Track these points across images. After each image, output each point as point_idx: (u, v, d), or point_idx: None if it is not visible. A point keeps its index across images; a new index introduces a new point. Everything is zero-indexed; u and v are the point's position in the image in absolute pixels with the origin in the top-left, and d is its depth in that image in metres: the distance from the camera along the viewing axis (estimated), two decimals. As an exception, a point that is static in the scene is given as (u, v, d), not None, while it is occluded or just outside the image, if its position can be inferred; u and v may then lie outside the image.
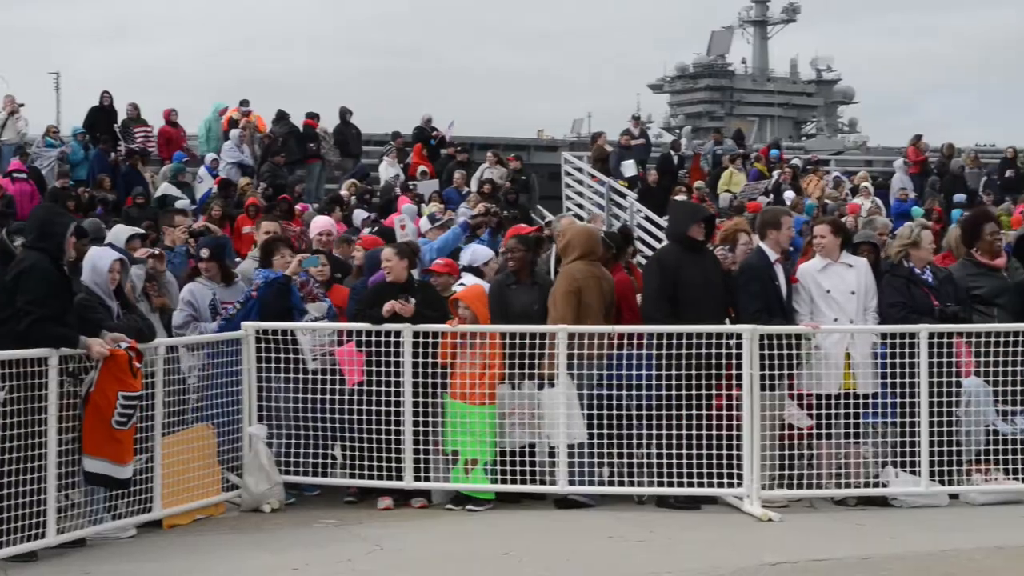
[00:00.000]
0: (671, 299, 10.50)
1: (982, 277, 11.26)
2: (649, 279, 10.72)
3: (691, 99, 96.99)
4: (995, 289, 11.18)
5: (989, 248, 11.43)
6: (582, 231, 11.39)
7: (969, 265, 11.39)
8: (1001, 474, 10.50)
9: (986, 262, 11.34)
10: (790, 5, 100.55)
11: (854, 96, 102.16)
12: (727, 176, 26.37)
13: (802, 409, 10.50)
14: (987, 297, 11.13)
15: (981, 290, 11.16)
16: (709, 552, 9.01)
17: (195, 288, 11.05)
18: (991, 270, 11.33)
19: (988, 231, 11.48)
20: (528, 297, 11.05)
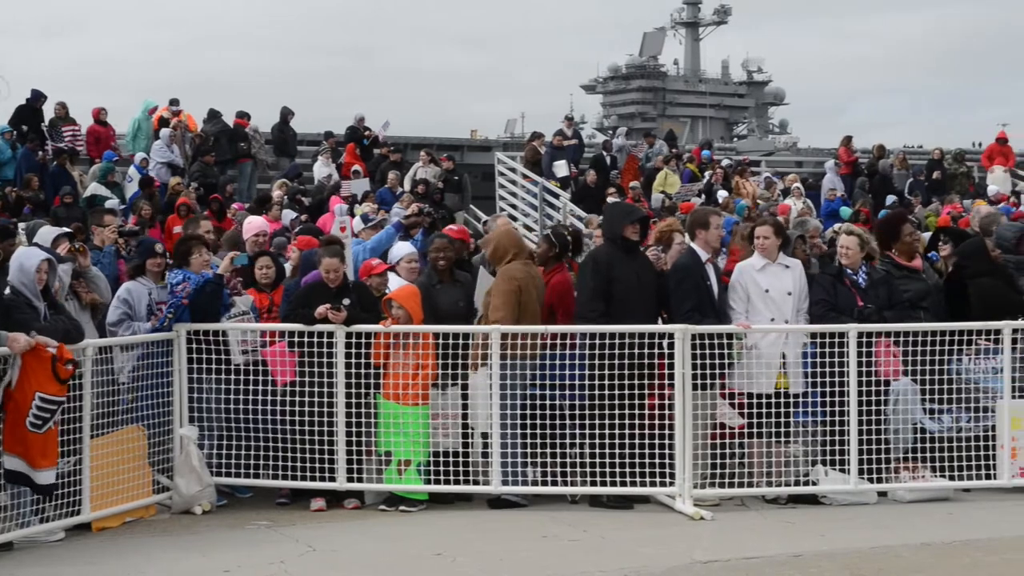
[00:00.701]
0: (606, 299, 10.54)
1: (906, 280, 11.38)
2: (584, 278, 10.76)
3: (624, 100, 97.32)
4: (920, 292, 11.32)
5: (907, 250, 11.56)
6: (509, 233, 11.45)
7: (892, 267, 11.51)
8: (928, 472, 10.64)
9: (904, 263, 11.47)
10: (721, 7, 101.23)
11: (784, 98, 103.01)
12: (661, 177, 26.49)
13: (734, 408, 10.59)
14: (913, 300, 11.25)
15: (907, 294, 11.29)
16: (641, 551, 9.05)
17: (132, 287, 10.91)
18: (911, 272, 11.46)
19: (906, 232, 11.61)
20: (454, 295, 11.16)
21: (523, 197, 25.72)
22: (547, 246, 11.50)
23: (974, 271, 11.68)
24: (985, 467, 10.61)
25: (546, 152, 26.79)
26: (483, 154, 37.09)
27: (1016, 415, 10.62)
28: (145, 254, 11.14)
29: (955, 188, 27.73)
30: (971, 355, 10.78)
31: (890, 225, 11.97)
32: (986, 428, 10.71)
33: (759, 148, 65.73)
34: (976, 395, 10.82)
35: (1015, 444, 10.62)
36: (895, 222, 11.98)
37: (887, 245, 11.67)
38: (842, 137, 29.29)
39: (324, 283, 10.79)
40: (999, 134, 30.35)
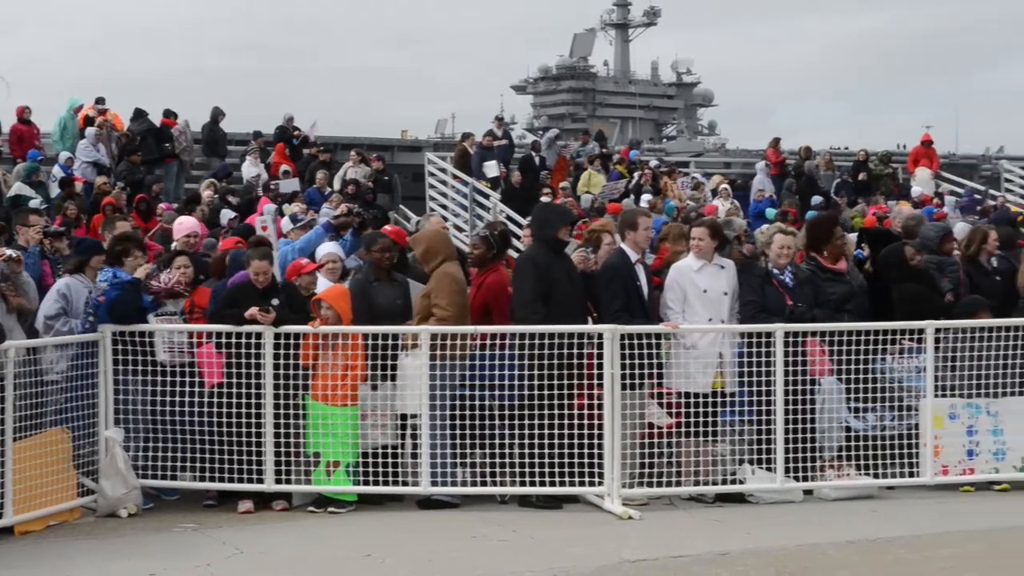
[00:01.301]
0: (545, 301, 10.58)
1: (831, 283, 11.49)
2: (524, 280, 10.71)
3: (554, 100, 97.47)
4: (844, 295, 11.44)
5: (836, 252, 11.68)
6: (439, 235, 11.47)
7: (819, 269, 11.61)
8: (853, 470, 10.77)
9: (830, 266, 11.59)
10: (651, 9, 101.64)
11: (713, 99, 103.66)
12: (586, 177, 26.59)
13: (662, 408, 10.65)
14: (837, 303, 11.36)
15: (834, 296, 11.40)
16: (570, 550, 9.08)
17: (71, 283, 10.75)
18: (836, 274, 11.58)
19: (837, 235, 11.74)
20: (392, 293, 11.14)
21: (453, 197, 25.70)
22: (485, 247, 11.52)
23: (897, 276, 11.84)
24: (908, 465, 10.76)
25: (476, 152, 26.79)
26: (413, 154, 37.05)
27: (938, 414, 10.78)
28: (90, 251, 11.05)
29: (880, 189, 28.05)
30: (895, 355, 10.93)
31: (821, 227, 12.06)
32: (909, 427, 10.86)
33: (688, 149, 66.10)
34: (900, 394, 10.97)
35: (937, 442, 10.79)
36: (827, 225, 12.08)
37: (816, 247, 11.78)
38: (770, 139, 29.56)
39: (251, 283, 10.73)
40: (923, 137, 30.75)
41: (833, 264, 11.60)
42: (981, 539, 9.23)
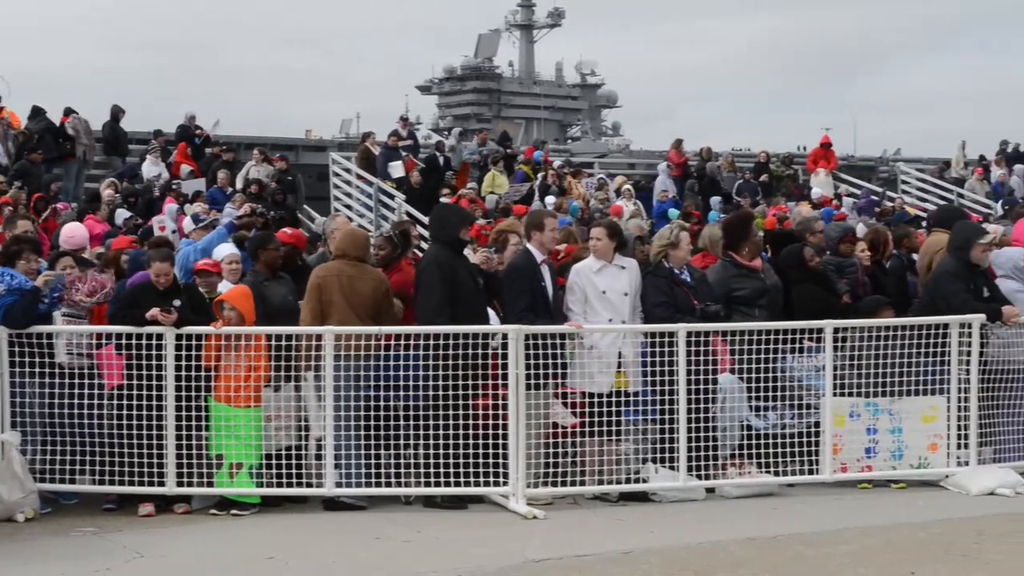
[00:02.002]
0: (450, 302, 10.59)
1: (744, 279, 11.62)
2: (431, 282, 10.66)
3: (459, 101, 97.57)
4: (757, 291, 11.58)
5: (755, 249, 11.80)
6: (346, 234, 11.43)
7: (730, 266, 11.74)
8: (754, 468, 10.90)
9: (746, 263, 11.73)
10: (555, 10, 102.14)
11: (617, 100, 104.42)
12: (489, 178, 26.64)
13: (567, 408, 10.70)
14: (749, 299, 11.52)
15: (743, 291, 11.54)
16: (474, 550, 9.08)
17: None
18: (751, 271, 11.73)
19: (755, 232, 11.87)
20: (282, 290, 11.15)
21: (358, 198, 25.60)
22: (389, 247, 11.52)
23: (795, 278, 12.01)
24: (809, 463, 10.91)
25: (381, 153, 26.72)
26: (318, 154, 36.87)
27: (839, 413, 10.95)
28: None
29: (781, 191, 28.44)
30: (796, 355, 11.08)
31: (740, 225, 12.17)
32: (809, 425, 11.01)
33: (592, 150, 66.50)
34: (800, 393, 11.12)
35: (837, 441, 10.95)
36: (745, 221, 12.19)
37: (735, 245, 11.88)
38: (673, 140, 29.82)
39: (152, 284, 10.59)
40: (822, 139, 31.21)
41: (749, 262, 11.72)
42: (878, 535, 9.38)
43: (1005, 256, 11.79)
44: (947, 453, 11.10)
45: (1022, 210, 22.37)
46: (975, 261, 11.50)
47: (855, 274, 12.75)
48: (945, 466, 11.10)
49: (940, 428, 11.07)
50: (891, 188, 32.37)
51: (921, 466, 11.11)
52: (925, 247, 12.87)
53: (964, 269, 11.47)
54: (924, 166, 36.05)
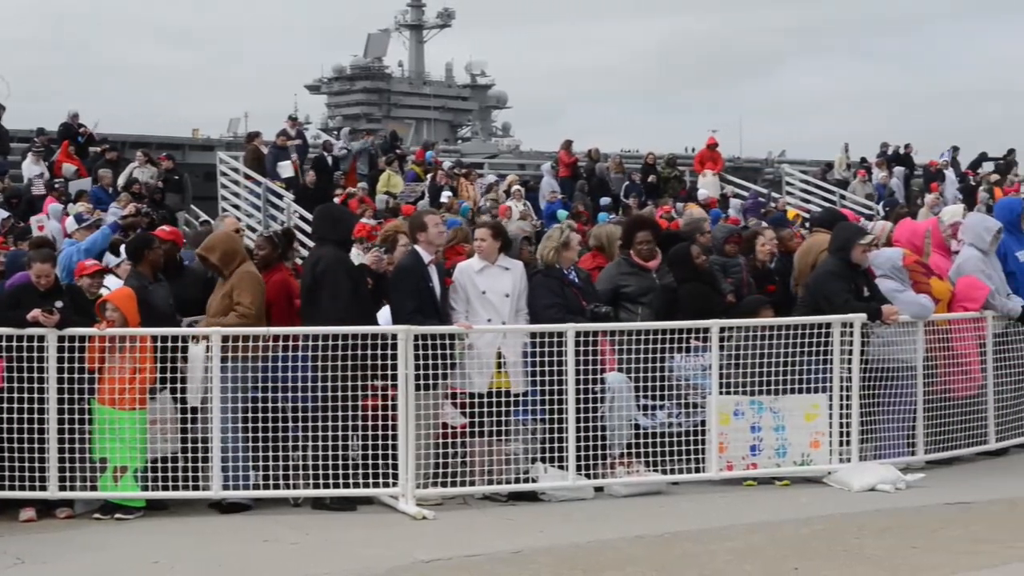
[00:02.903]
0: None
1: (631, 276, 11.74)
2: (339, 284, 10.55)
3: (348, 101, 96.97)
4: (642, 288, 11.69)
5: (642, 254, 11.88)
6: (233, 237, 11.34)
7: (623, 264, 11.86)
8: (642, 466, 11.00)
9: (639, 262, 11.84)
10: (445, 11, 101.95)
11: (507, 101, 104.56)
12: (384, 178, 26.57)
13: (456, 408, 10.71)
14: (634, 295, 11.63)
15: (629, 288, 11.65)
16: (363, 552, 9.05)
17: None
18: (642, 270, 11.83)
19: (639, 239, 11.94)
20: (164, 293, 11.05)
21: (246, 198, 25.38)
22: (270, 247, 11.42)
23: (679, 277, 12.16)
24: (695, 461, 11.04)
25: (269, 152, 26.51)
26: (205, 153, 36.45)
27: (724, 411, 11.09)
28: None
29: (669, 192, 28.75)
30: (683, 354, 11.20)
31: (626, 230, 12.28)
32: (696, 424, 11.14)
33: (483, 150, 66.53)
34: (687, 392, 11.25)
35: (723, 439, 11.09)
36: (631, 228, 12.24)
37: (628, 244, 12.00)
38: (562, 141, 29.99)
39: (33, 285, 10.39)
40: (708, 140, 31.58)
41: (643, 262, 11.82)
42: (763, 532, 9.52)
43: (884, 256, 12.02)
44: (829, 450, 11.30)
45: (902, 211, 22.94)
46: (856, 261, 11.72)
47: (740, 274, 12.92)
48: (828, 463, 11.29)
49: (822, 425, 11.27)
50: (776, 189, 32.87)
51: (804, 463, 11.29)
52: (806, 247, 13.09)
53: (845, 269, 11.68)
54: (808, 168, 36.68)
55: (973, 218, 13.71)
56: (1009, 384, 12.52)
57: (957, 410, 12.03)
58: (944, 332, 12.04)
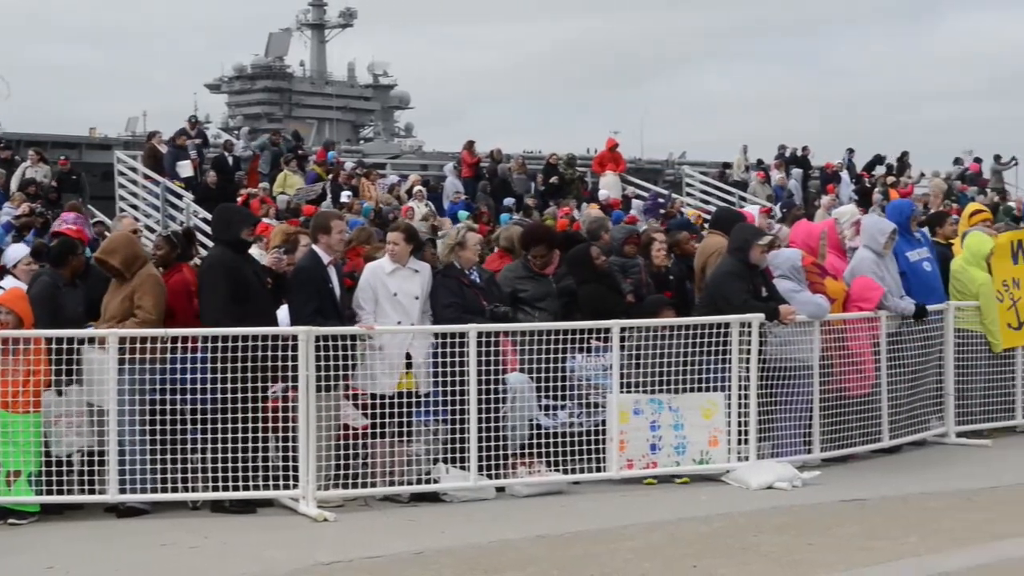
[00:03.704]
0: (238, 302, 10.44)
1: (529, 281, 11.79)
2: (216, 284, 10.50)
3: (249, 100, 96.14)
4: (539, 293, 11.74)
5: (537, 265, 11.91)
6: (133, 240, 11.18)
7: (521, 268, 11.90)
8: (543, 466, 11.04)
9: (536, 269, 11.88)
10: (347, 10, 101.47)
11: (410, 102, 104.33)
12: (282, 178, 26.40)
13: (358, 409, 10.67)
14: (531, 300, 11.67)
15: (526, 293, 11.69)
16: (263, 555, 8.98)
17: None
18: (539, 275, 11.87)
19: (533, 253, 11.94)
20: (78, 296, 10.84)
21: (144, 197, 25.07)
22: (168, 247, 11.29)
23: (579, 278, 12.23)
24: (596, 460, 11.11)
25: (168, 152, 26.20)
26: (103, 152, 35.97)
27: (624, 410, 11.17)
28: None
29: (571, 192, 28.87)
30: (584, 353, 11.27)
31: (523, 243, 12.30)
32: (597, 423, 11.21)
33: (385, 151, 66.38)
34: (588, 391, 11.32)
35: (623, 437, 11.18)
36: (531, 239, 12.22)
37: (527, 249, 12.03)
38: (465, 141, 29.99)
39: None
40: (609, 142, 31.77)
41: (540, 269, 11.86)
42: (662, 530, 9.60)
43: (783, 257, 12.18)
44: (728, 448, 11.43)
45: (799, 212, 23.26)
46: (754, 262, 11.86)
47: (639, 275, 13.03)
48: (726, 461, 11.42)
49: (720, 423, 11.39)
50: (676, 191, 33.17)
51: (703, 461, 11.41)
52: (701, 249, 13.23)
53: (744, 269, 11.82)
54: (707, 169, 37.07)
55: (868, 220, 13.94)
56: (902, 383, 12.76)
57: (852, 408, 12.24)
58: (840, 332, 12.24)
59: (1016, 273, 14.08)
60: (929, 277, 13.40)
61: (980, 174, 37.51)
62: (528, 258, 11.96)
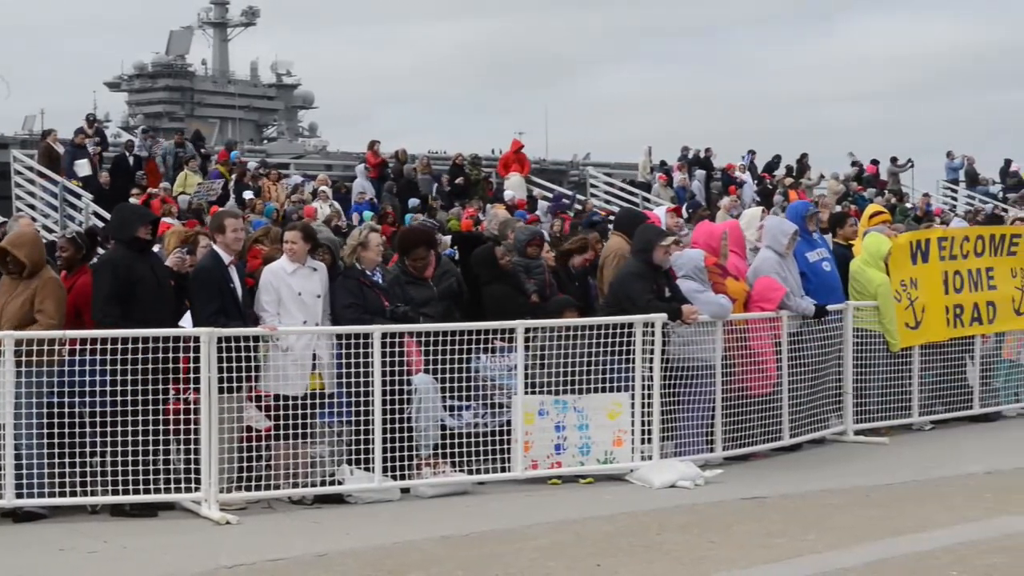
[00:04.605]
0: (125, 302, 10.29)
1: (410, 286, 11.73)
2: (100, 283, 10.40)
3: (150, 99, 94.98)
4: (422, 298, 11.72)
5: (416, 268, 11.88)
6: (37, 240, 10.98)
7: (400, 273, 11.84)
8: (449, 467, 11.04)
9: (413, 273, 11.83)
10: (249, 9, 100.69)
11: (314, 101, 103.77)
12: (182, 178, 26.14)
13: (261, 411, 10.59)
14: (414, 306, 11.59)
15: (410, 299, 11.63)
16: (164, 558, 8.88)
17: None
18: (419, 280, 11.84)
19: (414, 256, 11.89)
20: None
21: (42, 197, 24.67)
22: (73, 248, 11.12)
23: (485, 278, 12.24)
24: (501, 460, 11.14)
25: (67, 151, 25.80)
26: (-1, 151, 35.25)
27: (529, 410, 11.20)
28: None
29: (476, 193, 28.91)
30: (489, 354, 11.28)
31: (404, 243, 12.24)
32: (502, 424, 11.24)
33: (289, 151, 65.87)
34: (493, 392, 11.34)
35: (528, 438, 11.21)
36: (409, 244, 12.16)
37: (405, 254, 12.00)
38: (369, 141, 29.92)
39: None
40: (514, 143, 31.86)
41: (418, 274, 11.84)
42: (567, 530, 9.64)
43: (687, 257, 12.29)
44: (631, 448, 11.51)
45: (703, 213, 23.51)
46: (657, 262, 11.95)
47: (542, 275, 13.08)
48: (630, 460, 11.50)
49: (625, 423, 11.47)
50: (581, 191, 33.35)
51: (607, 461, 11.48)
52: (604, 250, 13.31)
53: (647, 270, 11.91)
54: (612, 171, 37.31)
55: (771, 221, 14.11)
56: (803, 382, 12.93)
57: (754, 408, 12.38)
58: (742, 332, 12.38)
59: (914, 273, 14.35)
60: (829, 277, 13.60)
61: (877, 176, 38.18)
62: (406, 262, 11.91)
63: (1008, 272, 15.19)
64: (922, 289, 14.30)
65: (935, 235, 14.92)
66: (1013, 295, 15.19)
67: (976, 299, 14.86)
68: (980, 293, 14.90)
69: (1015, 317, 15.27)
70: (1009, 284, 15.17)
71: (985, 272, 15.02)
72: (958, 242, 14.85)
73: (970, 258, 14.91)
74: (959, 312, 14.71)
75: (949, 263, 14.70)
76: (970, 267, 14.90)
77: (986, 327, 14.96)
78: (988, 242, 15.09)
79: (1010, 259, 15.24)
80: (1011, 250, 15.26)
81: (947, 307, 14.59)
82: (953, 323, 14.65)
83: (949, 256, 14.71)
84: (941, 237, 14.83)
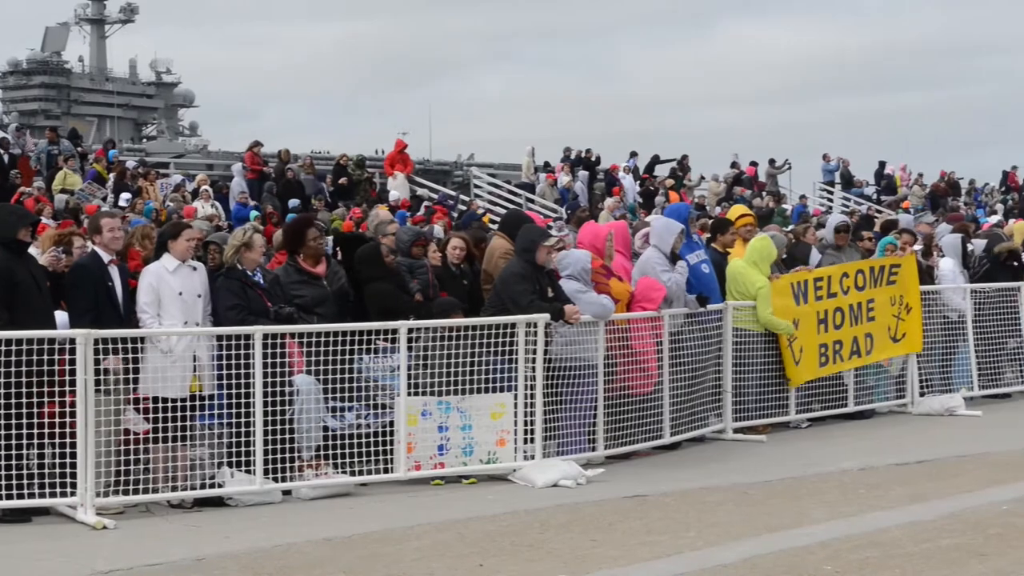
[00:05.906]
0: (8, 306, 10.07)
1: (304, 286, 11.65)
2: None
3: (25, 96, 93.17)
4: (316, 298, 11.64)
5: (313, 253, 11.86)
6: None
7: (292, 271, 11.75)
8: (331, 468, 10.98)
9: (308, 268, 11.76)
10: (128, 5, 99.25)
11: (194, 100, 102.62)
12: (61, 177, 25.65)
13: (139, 413, 10.43)
14: (308, 306, 11.54)
15: (303, 299, 11.55)
16: (38, 565, 8.71)
17: None
18: (312, 278, 11.76)
19: (311, 236, 11.89)
20: None
21: (-89, 196, 23.98)
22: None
23: (367, 276, 12.20)
24: (384, 462, 11.10)
25: (-63, 148, 25.19)
26: None
27: (412, 412, 11.18)
28: None
29: (360, 193, 28.81)
30: (371, 354, 11.23)
31: (295, 231, 12.21)
32: (385, 424, 11.20)
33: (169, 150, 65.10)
34: (376, 392, 11.29)
35: (411, 439, 11.19)
36: (300, 227, 12.20)
37: (293, 249, 11.92)
38: (251, 142, 29.65)
39: None
40: (398, 143, 31.81)
41: (312, 268, 11.77)
42: (450, 530, 9.64)
43: (574, 258, 12.34)
44: (514, 448, 11.55)
45: (584, 214, 23.66)
46: (540, 262, 12.01)
47: (426, 275, 13.08)
48: (513, 460, 11.54)
49: (508, 424, 11.50)
50: (465, 192, 33.40)
51: (490, 461, 11.50)
52: (488, 251, 13.35)
53: (530, 270, 11.95)
54: (496, 171, 37.43)
55: (658, 221, 14.24)
56: (683, 381, 13.07)
57: (635, 406, 12.49)
58: (623, 331, 12.47)
59: (797, 314, 14.44)
60: (708, 279, 13.74)
61: (756, 177, 38.77)
62: (300, 254, 11.81)
63: (888, 300, 15.35)
64: (801, 329, 14.41)
65: (811, 276, 14.89)
66: (889, 323, 15.37)
67: (856, 332, 15.03)
68: (859, 326, 15.07)
69: (891, 345, 15.45)
70: (887, 313, 15.33)
71: (866, 304, 15.16)
72: (836, 279, 14.97)
73: (851, 293, 15.01)
74: (838, 348, 14.85)
75: (828, 301, 14.76)
76: (851, 302, 15.02)
77: (864, 359, 15.15)
78: (868, 275, 15.26)
79: (890, 288, 15.40)
80: (891, 279, 15.44)
81: (822, 345, 14.74)
82: (832, 359, 14.78)
83: (828, 295, 14.81)
84: (817, 277, 14.87)
